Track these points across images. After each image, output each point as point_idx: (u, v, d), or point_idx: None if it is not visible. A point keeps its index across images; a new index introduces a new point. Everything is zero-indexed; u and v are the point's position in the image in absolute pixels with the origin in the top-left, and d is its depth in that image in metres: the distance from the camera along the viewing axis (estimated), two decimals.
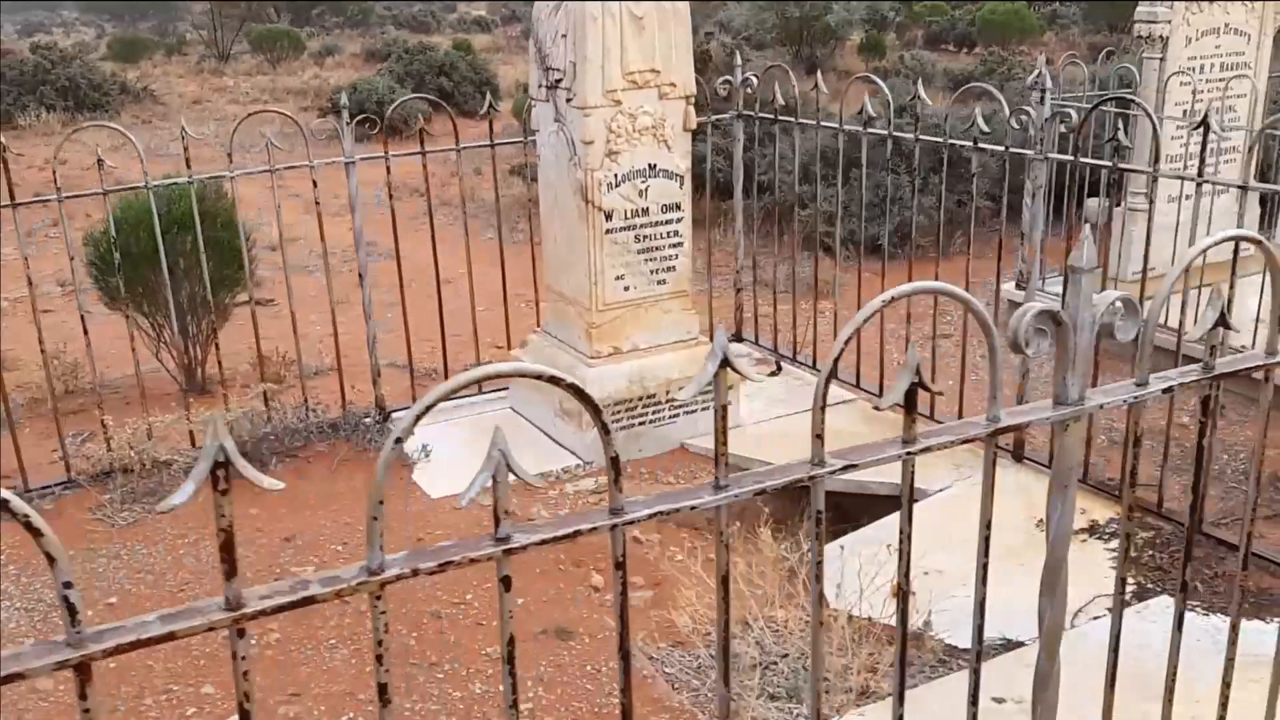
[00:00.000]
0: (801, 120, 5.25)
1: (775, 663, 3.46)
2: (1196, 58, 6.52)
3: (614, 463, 1.55)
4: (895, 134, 4.76)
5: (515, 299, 5.64)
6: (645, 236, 4.77)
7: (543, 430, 5.05)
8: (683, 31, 4.65)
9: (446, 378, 5.40)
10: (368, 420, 5.12)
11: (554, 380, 1.49)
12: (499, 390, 5.45)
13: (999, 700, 3.20)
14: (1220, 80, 6.51)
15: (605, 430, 1.53)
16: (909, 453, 1.79)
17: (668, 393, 4.88)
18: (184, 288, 5.25)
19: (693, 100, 4.75)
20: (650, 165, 4.70)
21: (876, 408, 1.82)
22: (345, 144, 4.88)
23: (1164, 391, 1.97)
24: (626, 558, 1.61)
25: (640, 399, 4.82)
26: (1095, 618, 3.61)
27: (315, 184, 4.89)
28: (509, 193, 9.70)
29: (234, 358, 5.92)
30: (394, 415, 5.22)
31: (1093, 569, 3.86)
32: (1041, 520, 4.20)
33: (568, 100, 4.60)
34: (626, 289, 4.79)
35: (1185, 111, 6.55)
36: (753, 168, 5.72)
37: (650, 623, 3.70)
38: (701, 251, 5.91)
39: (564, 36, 4.57)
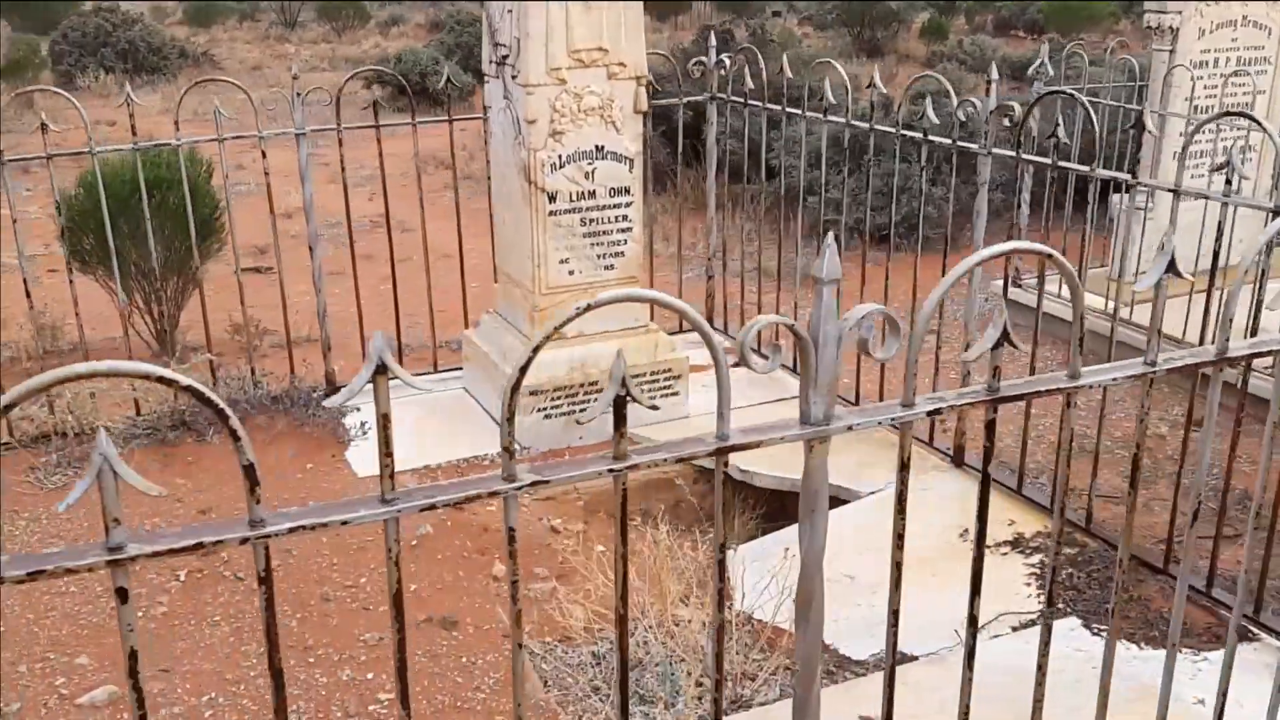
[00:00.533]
0: (768, 106, 5.09)
1: (658, 664, 3.36)
2: (1210, 51, 6.23)
3: (249, 471, 1.47)
4: (852, 123, 4.59)
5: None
6: (591, 220, 4.67)
7: (489, 413, 4.99)
8: (634, 11, 4.52)
9: (400, 353, 5.38)
10: (317, 394, 5.11)
11: (163, 379, 1.41)
12: (454, 370, 5.41)
13: (866, 719, 3.08)
14: (1234, 75, 6.21)
15: (236, 438, 1.45)
16: (614, 470, 1.68)
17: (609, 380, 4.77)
18: (152, 253, 5.25)
19: (644, 82, 4.62)
20: (597, 147, 4.59)
21: (578, 420, 1.71)
22: (295, 115, 4.85)
23: (930, 414, 1.84)
24: (270, 570, 1.53)
25: (582, 385, 4.72)
26: (995, 636, 3.46)
27: (264, 154, 4.87)
28: None
29: (214, 325, 5.96)
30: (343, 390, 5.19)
31: (1007, 584, 3.70)
32: (965, 530, 4.06)
33: (513, 77, 4.51)
34: (571, 273, 4.69)
35: (1197, 108, 6.27)
36: (710, 150, 5.57)
37: (543, 616, 3.63)
38: (665, 234, 5.79)
39: (510, 11, 4.48)
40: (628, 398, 1.66)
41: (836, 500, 4.40)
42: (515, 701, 1.71)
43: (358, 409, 5.05)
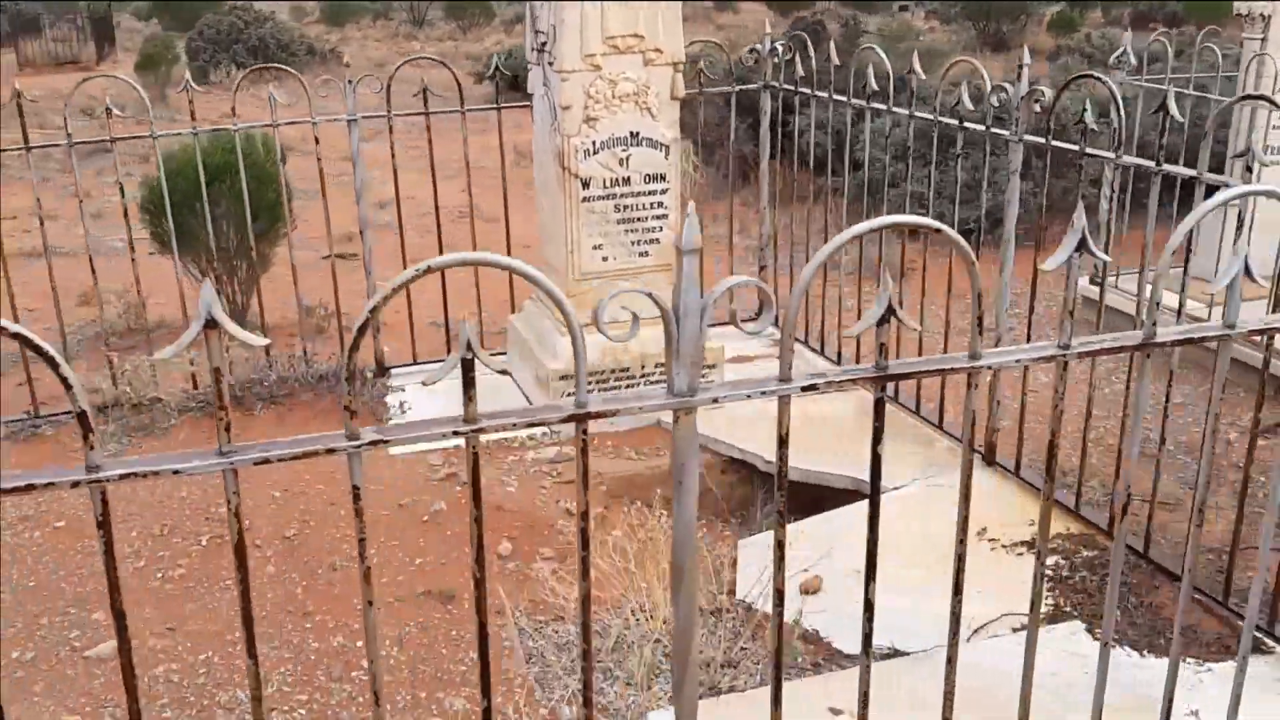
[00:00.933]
0: (816, 93, 5.02)
1: (630, 644, 3.35)
2: None
3: (82, 419, 1.53)
4: (894, 109, 4.50)
5: None
6: (626, 206, 4.68)
7: (526, 395, 5.05)
8: None
9: (448, 338, 5.48)
10: (366, 375, 5.24)
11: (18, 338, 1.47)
12: (500, 353, 5.48)
13: (835, 711, 3.02)
14: None
15: (68, 386, 1.51)
16: (460, 432, 1.69)
17: (643, 367, 4.79)
18: (209, 235, 5.47)
19: (681, 68, 4.61)
20: (632, 134, 4.59)
21: (424, 382, 1.73)
22: (348, 102, 4.98)
23: (804, 389, 1.80)
24: (108, 515, 1.58)
25: (613, 371, 4.75)
26: (994, 636, 3.35)
27: (317, 140, 5.03)
28: None
29: (289, 307, 6.19)
30: (392, 371, 5.33)
31: (1016, 586, 3.57)
32: (984, 529, 3.94)
33: (549, 64, 4.55)
34: (605, 259, 4.71)
35: None
36: (777, 139, 5.50)
37: (540, 595, 3.65)
38: (743, 225, 5.75)
39: None
40: (474, 360, 1.67)
41: (858, 495, 4.31)
42: (370, 658, 1.73)
43: (401, 389, 5.16)
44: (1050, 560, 3.70)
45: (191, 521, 4.05)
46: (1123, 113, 3.38)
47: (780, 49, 5.31)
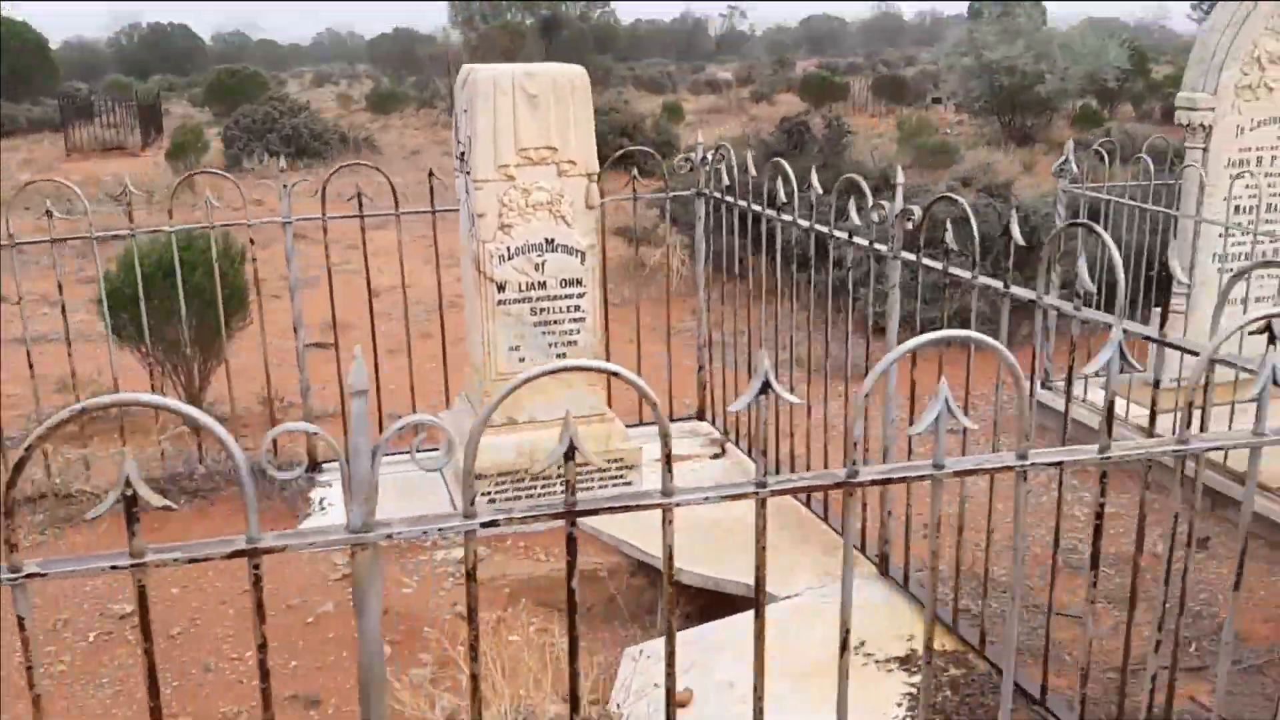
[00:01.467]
0: (738, 202, 5.11)
1: None
2: (1251, 149, 5.90)
3: None
4: (799, 221, 4.57)
5: None
6: (542, 310, 4.77)
7: (450, 492, 5.10)
8: (583, 110, 4.64)
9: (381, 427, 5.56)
10: (287, 469, 5.32)
11: None
12: (431, 449, 5.54)
13: None
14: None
15: None
16: (119, 566, 1.75)
17: (558, 468, 4.83)
18: (145, 331, 5.63)
19: (595, 178, 4.72)
20: (547, 240, 4.70)
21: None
22: (282, 206, 5.15)
23: (486, 525, 1.84)
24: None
25: (528, 471, 4.79)
26: None
27: (252, 241, 5.19)
28: (614, 254, 9.81)
29: (249, 398, 6.35)
30: (323, 466, 5.42)
31: (876, 704, 3.53)
32: (863, 643, 3.90)
33: (466, 173, 4.69)
34: (522, 360, 4.79)
35: (1239, 209, 5.94)
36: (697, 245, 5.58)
37: (405, 700, 3.66)
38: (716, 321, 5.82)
39: (465, 111, 4.67)
40: (136, 496, 1.73)
41: (751, 602, 4.29)
42: None
43: (329, 484, 5.25)
44: (917, 679, 3.66)
45: (87, 616, 4.13)
46: (976, 231, 3.43)
47: (711, 157, 5.42)
